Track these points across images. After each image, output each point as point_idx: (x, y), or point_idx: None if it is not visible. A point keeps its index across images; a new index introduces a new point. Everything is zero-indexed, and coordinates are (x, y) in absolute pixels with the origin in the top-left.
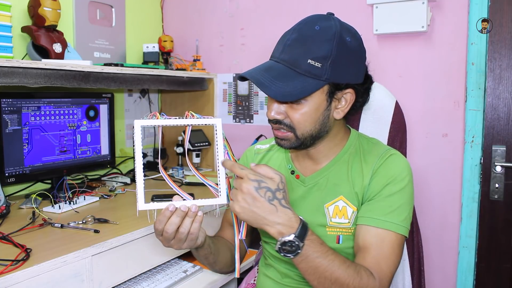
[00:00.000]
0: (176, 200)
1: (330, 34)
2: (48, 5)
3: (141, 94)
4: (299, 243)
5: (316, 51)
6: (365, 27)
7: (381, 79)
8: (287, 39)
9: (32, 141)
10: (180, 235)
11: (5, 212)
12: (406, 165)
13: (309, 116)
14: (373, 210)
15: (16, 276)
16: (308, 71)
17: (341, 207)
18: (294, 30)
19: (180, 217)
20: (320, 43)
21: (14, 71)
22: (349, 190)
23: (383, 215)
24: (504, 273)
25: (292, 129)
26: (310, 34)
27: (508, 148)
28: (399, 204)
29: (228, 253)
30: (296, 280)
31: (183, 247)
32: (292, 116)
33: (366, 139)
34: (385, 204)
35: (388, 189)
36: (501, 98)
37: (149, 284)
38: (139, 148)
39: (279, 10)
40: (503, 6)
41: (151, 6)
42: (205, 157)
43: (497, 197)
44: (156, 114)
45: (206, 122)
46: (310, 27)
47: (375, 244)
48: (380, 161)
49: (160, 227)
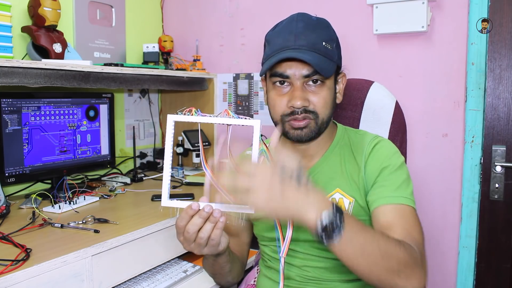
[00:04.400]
0: (203, 201)
1: (326, 22)
2: (48, 5)
3: (141, 94)
4: (340, 222)
5: (326, 35)
6: (365, 27)
7: (381, 79)
8: (294, 27)
9: (32, 141)
10: (199, 240)
11: (5, 212)
12: (394, 146)
13: (328, 99)
14: (381, 191)
15: (16, 276)
16: (325, 53)
17: (338, 199)
18: (296, 20)
19: (203, 218)
20: (324, 28)
21: (14, 71)
22: (345, 181)
23: (392, 191)
24: (504, 273)
25: (315, 115)
26: (313, 22)
27: (508, 148)
28: (402, 180)
29: (238, 263)
30: (297, 281)
31: (203, 251)
32: (316, 101)
33: (353, 131)
34: (390, 183)
35: (387, 170)
36: (501, 98)
37: (149, 284)
38: (170, 143)
39: (279, 10)
40: (503, 6)
41: (151, 6)
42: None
43: (497, 197)
44: (192, 110)
45: (243, 122)
46: (309, 18)
47: (398, 218)
48: (369, 147)
49: (182, 224)
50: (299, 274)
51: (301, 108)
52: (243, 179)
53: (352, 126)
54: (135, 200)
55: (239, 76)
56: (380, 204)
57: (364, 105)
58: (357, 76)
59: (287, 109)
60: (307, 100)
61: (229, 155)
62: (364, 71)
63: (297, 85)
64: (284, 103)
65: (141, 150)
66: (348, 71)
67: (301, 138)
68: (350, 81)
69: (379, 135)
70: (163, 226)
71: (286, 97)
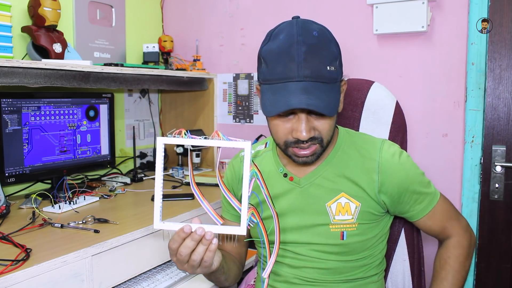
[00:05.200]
0: (195, 222)
1: (328, 36)
2: (48, 5)
3: (141, 94)
4: None
5: (329, 56)
6: (365, 27)
7: (381, 79)
8: (296, 53)
9: (32, 141)
10: (192, 262)
11: (5, 212)
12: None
13: (333, 122)
14: (418, 205)
15: (16, 276)
16: (330, 78)
17: (344, 203)
18: (297, 43)
19: (195, 241)
20: (327, 48)
21: (14, 71)
22: (350, 186)
23: (426, 202)
24: (504, 273)
25: (320, 140)
26: (315, 43)
27: (508, 148)
28: (425, 184)
29: (235, 267)
30: (295, 284)
31: (197, 272)
32: (321, 128)
33: (356, 134)
34: (421, 196)
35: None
36: (501, 98)
37: (149, 284)
38: (160, 166)
39: (279, 10)
40: (503, 6)
41: (151, 6)
42: (205, 157)
43: (497, 197)
44: (182, 132)
45: (234, 145)
46: (310, 36)
47: (444, 216)
48: (381, 154)
49: (174, 246)
50: (298, 275)
51: (308, 139)
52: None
53: (352, 126)
54: (135, 200)
55: (239, 76)
56: (423, 215)
57: (364, 105)
58: (357, 76)
59: (290, 137)
60: (313, 130)
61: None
62: (364, 71)
63: (302, 117)
64: (288, 130)
65: (141, 150)
66: (348, 71)
67: (306, 163)
68: (350, 81)
69: (384, 139)
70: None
71: (290, 124)
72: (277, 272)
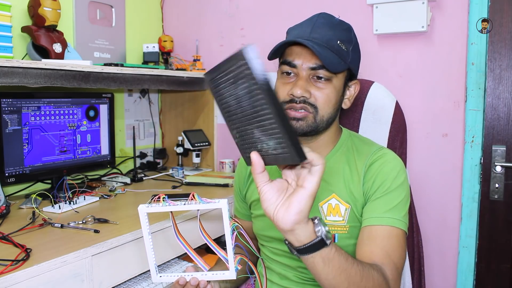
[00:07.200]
0: (189, 271)
1: (348, 26)
2: (48, 5)
3: (141, 94)
4: None
5: (343, 36)
6: (365, 27)
7: (381, 79)
8: (314, 21)
9: (32, 141)
10: None
11: (5, 212)
12: (399, 163)
13: (332, 97)
14: (374, 209)
15: (16, 276)
16: (337, 51)
17: (334, 205)
18: (318, 16)
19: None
20: (343, 30)
21: (14, 71)
22: (342, 188)
23: (384, 212)
24: (504, 273)
25: (315, 109)
26: (335, 22)
27: (508, 148)
28: (398, 201)
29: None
30: (294, 282)
31: None
32: (318, 96)
33: (358, 138)
34: (384, 202)
35: (385, 187)
36: (501, 98)
37: (149, 284)
38: (146, 232)
39: (279, 10)
40: (503, 6)
41: (151, 6)
42: (205, 157)
43: (497, 197)
44: (160, 198)
45: (210, 207)
46: (331, 17)
47: (382, 239)
48: (371, 158)
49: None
50: (297, 275)
51: (301, 97)
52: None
53: (352, 126)
54: (135, 200)
55: None
56: (370, 224)
57: (364, 105)
58: (357, 76)
59: (287, 97)
60: (308, 92)
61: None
62: (364, 71)
63: (302, 75)
64: (286, 91)
65: (141, 150)
66: None
67: (298, 129)
68: None
69: (385, 147)
70: (163, 226)
71: (290, 85)
72: (277, 271)
